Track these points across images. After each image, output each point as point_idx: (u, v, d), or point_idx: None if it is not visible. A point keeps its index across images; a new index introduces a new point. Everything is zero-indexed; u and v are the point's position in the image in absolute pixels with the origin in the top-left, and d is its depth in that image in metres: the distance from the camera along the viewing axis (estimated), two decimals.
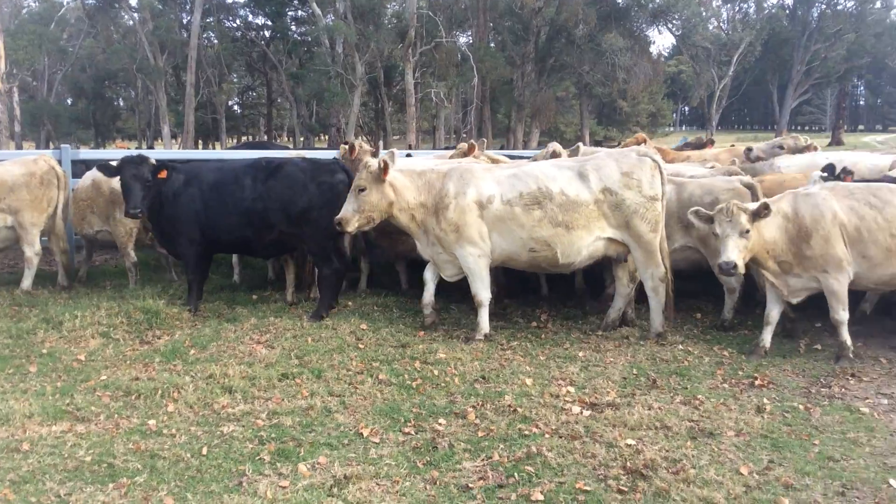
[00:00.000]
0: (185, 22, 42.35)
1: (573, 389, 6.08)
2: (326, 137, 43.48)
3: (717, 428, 5.32)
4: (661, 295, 7.44)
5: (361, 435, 5.19)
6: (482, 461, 4.81)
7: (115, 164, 8.39)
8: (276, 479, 4.56)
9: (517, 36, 39.53)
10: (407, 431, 5.27)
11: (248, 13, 48.06)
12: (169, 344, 7.14)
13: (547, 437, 5.16)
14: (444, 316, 8.29)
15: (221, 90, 45.59)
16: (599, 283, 8.99)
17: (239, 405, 5.69)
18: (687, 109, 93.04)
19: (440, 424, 5.37)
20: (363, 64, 33.89)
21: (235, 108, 59.45)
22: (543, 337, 7.61)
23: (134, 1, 40.07)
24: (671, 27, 43.14)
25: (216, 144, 51.59)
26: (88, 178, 9.66)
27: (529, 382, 6.21)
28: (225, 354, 6.85)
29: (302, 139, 46.14)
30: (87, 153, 13.93)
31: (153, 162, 8.32)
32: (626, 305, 7.85)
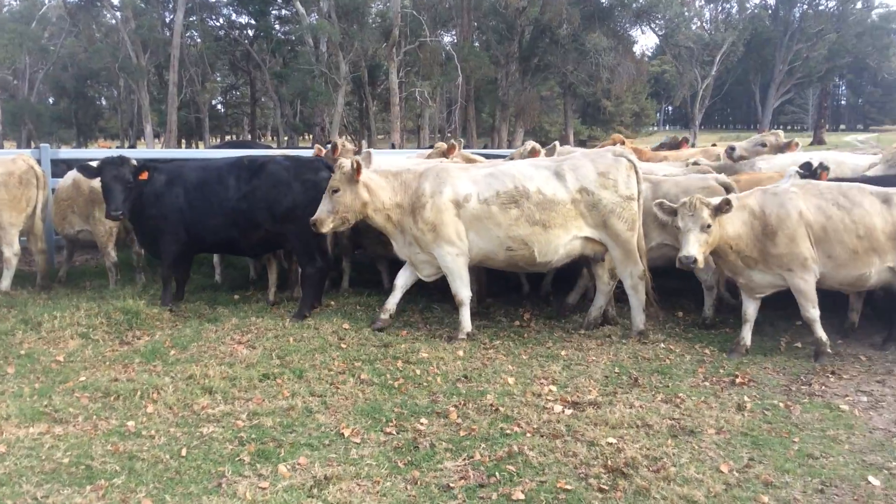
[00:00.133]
0: (167, 21, 42.12)
1: (555, 388, 6.08)
2: (311, 137, 43.36)
3: (697, 426, 5.33)
4: (640, 293, 7.47)
5: (342, 435, 5.17)
6: (463, 461, 4.80)
7: (95, 165, 8.31)
8: (255, 479, 4.53)
9: (501, 35, 39.56)
10: (388, 431, 5.25)
11: (231, 12, 47.88)
12: (149, 344, 7.07)
13: (528, 436, 5.15)
14: (426, 315, 8.29)
15: (205, 89, 45.43)
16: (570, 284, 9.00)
17: (219, 406, 5.64)
18: (670, 109, 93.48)
19: (422, 424, 5.35)
20: (347, 63, 33.84)
21: (219, 107, 59.19)
22: (526, 336, 7.61)
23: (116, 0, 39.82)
24: (654, 27, 43.30)
25: (199, 144, 51.31)
26: (69, 177, 9.56)
27: (512, 381, 6.20)
28: (205, 355, 6.79)
29: (286, 138, 45.99)
30: (66, 152, 13.80)
31: (134, 163, 8.23)
32: (607, 303, 7.87)
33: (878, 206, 6.74)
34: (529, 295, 9.23)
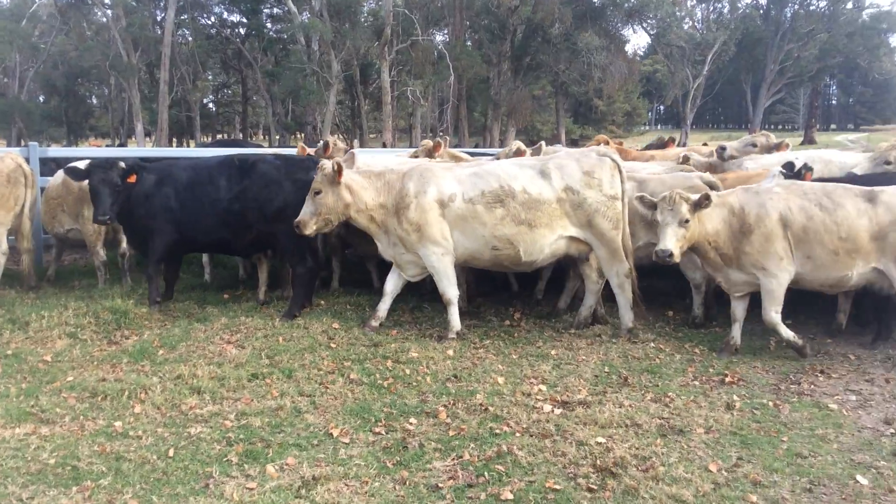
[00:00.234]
0: (158, 19, 41.89)
1: (545, 388, 6.07)
2: (302, 135, 43.27)
3: (686, 425, 5.34)
4: (627, 291, 7.48)
5: (331, 435, 5.15)
6: (452, 460, 4.79)
7: (83, 168, 8.24)
8: (243, 480, 4.51)
9: (493, 34, 39.53)
10: (377, 431, 5.24)
11: (222, 10, 47.61)
12: (137, 344, 7.04)
13: (518, 435, 5.15)
14: (416, 315, 8.27)
15: (196, 88, 45.21)
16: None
17: (207, 406, 5.62)
18: (662, 108, 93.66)
19: (411, 424, 5.34)
20: (339, 62, 33.73)
21: (210, 105, 58.90)
22: (516, 335, 7.60)
23: None
24: (646, 26, 43.34)
25: (190, 142, 51.14)
26: (59, 176, 9.50)
27: (501, 381, 6.19)
28: (194, 354, 6.76)
29: (278, 137, 45.86)
30: (55, 151, 13.78)
31: (122, 166, 8.13)
32: (596, 303, 7.86)
33: (862, 205, 6.71)
34: (520, 294, 9.21)
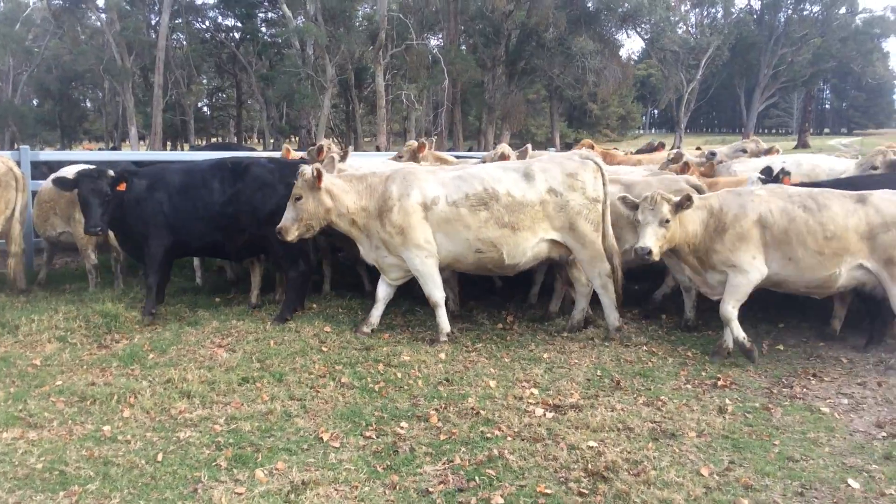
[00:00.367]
0: (153, 23, 41.91)
1: (537, 391, 6.05)
2: (297, 139, 43.24)
3: (678, 429, 5.31)
4: (610, 291, 7.49)
5: (321, 439, 5.12)
6: (443, 465, 4.76)
7: (71, 177, 8.07)
8: (232, 485, 4.47)
9: (488, 39, 39.66)
10: (368, 435, 5.20)
11: (217, 14, 47.74)
12: (127, 348, 7.00)
13: (509, 439, 5.12)
14: (408, 318, 8.23)
15: (190, 91, 45.29)
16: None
17: (197, 410, 5.58)
18: (656, 113, 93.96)
19: (402, 428, 5.31)
20: (334, 66, 33.75)
21: (205, 109, 58.93)
22: (508, 339, 7.57)
23: (101, 1, 39.59)
24: (640, 31, 43.53)
25: (185, 146, 51.06)
26: (51, 179, 9.45)
27: (493, 384, 6.17)
28: (184, 358, 6.71)
29: (272, 141, 45.83)
30: (46, 154, 13.66)
31: (111, 174, 7.95)
32: (587, 305, 7.83)
33: (851, 206, 6.69)
34: (512, 298, 9.17)
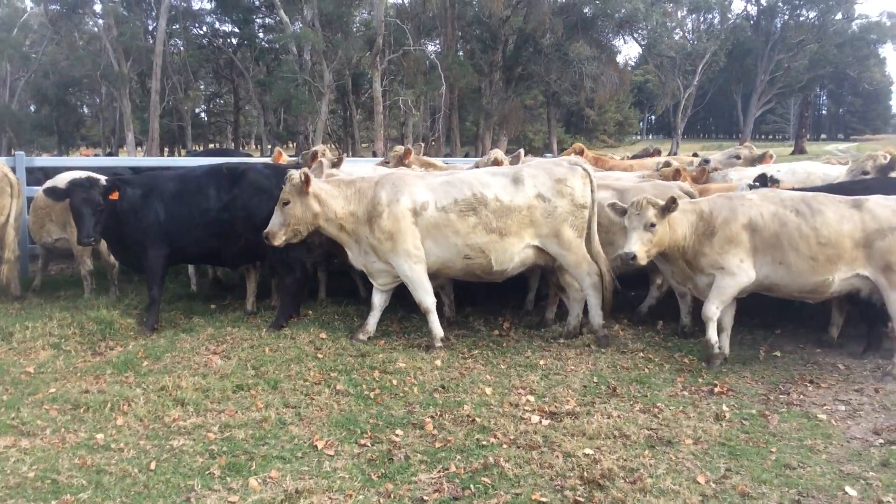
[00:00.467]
0: (150, 28, 41.87)
1: (533, 398, 6.02)
2: (294, 145, 43.22)
3: (675, 436, 5.29)
4: (598, 292, 7.49)
5: (316, 447, 5.09)
6: (438, 473, 4.73)
7: (63, 187, 7.94)
8: (225, 493, 4.44)
9: (485, 45, 39.69)
10: (363, 443, 5.17)
11: (214, 20, 47.62)
12: (122, 355, 6.96)
13: (505, 447, 5.09)
14: (405, 325, 8.21)
15: (187, 97, 45.16)
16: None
17: (191, 418, 5.55)
18: (653, 118, 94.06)
19: (397, 435, 5.28)
20: (331, 71, 33.76)
21: (202, 115, 58.82)
22: (505, 345, 7.54)
23: (98, 7, 39.57)
24: (637, 37, 43.60)
25: (182, 152, 51.04)
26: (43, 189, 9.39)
27: (489, 391, 6.14)
28: (179, 365, 6.68)
29: (269, 146, 45.79)
30: (42, 160, 13.63)
31: (104, 183, 7.83)
32: (582, 310, 7.79)
33: (847, 211, 6.62)
34: (509, 304, 9.12)
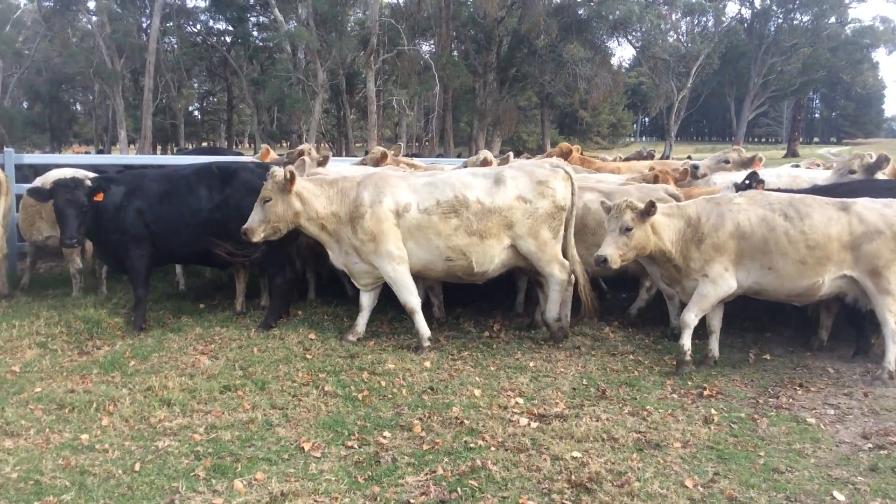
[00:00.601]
0: (144, 26, 41.80)
1: (522, 401, 5.99)
2: (287, 144, 43.16)
3: (663, 439, 5.27)
4: (564, 290, 7.51)
5: (302, 449, 5.04)
6: (425, 475, 4.70)
7: (47, 187, 7.83)
8: (210, 495, 4.40)
9: (479, 45, 39.72)
10: (350, 445, 5.14)
11: (208, 18, 47.62)
12: (108, 355, 6.90)
13: (493, 449, 5.06)
14: (394, 326, 8.17)
15: (181, 95, 45.10)
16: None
17: (177, 419, 5.50)
18: (647, 120, 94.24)
19: (385, 437, 5.24)
20: (325, 71, 33.74)
21: (195, 113, 58.74)
22: (495, 347, 7.51)
23: (92, 4, 39.45)
24: (631, 39, 43.68)
25: (173, 150, 50.88)
26: (37, 183, 9.33)
27: (478, 393, 6.10)
28: (166, 366, 6.62)
29: (263, 145, 45.72)
30: (31, 158, 13.57)
31: (88, 184, 7.72)
32: (568, 310, 7.76)
33: (835, 214, 6.60)
34: (499, 305, 9.10)
